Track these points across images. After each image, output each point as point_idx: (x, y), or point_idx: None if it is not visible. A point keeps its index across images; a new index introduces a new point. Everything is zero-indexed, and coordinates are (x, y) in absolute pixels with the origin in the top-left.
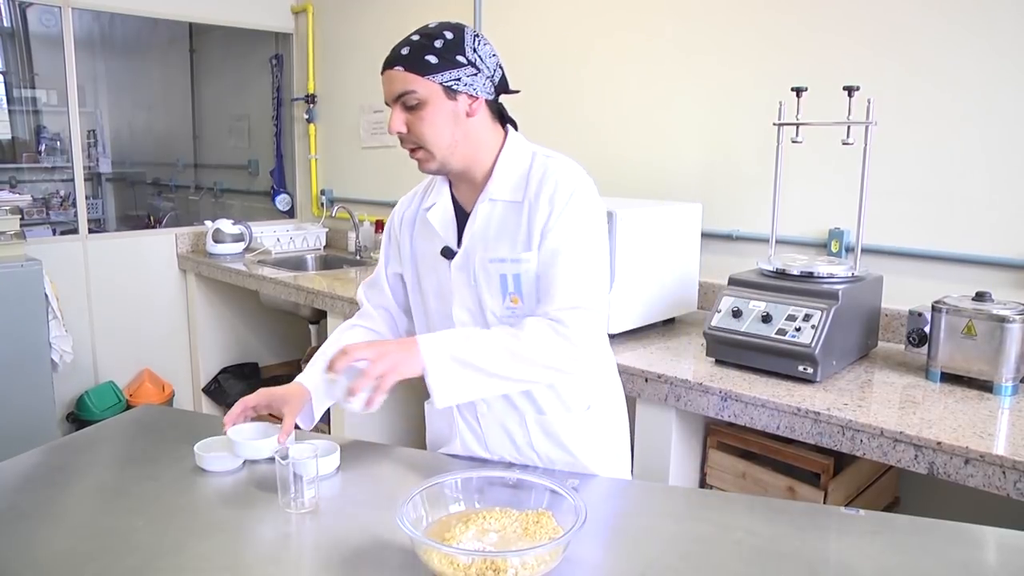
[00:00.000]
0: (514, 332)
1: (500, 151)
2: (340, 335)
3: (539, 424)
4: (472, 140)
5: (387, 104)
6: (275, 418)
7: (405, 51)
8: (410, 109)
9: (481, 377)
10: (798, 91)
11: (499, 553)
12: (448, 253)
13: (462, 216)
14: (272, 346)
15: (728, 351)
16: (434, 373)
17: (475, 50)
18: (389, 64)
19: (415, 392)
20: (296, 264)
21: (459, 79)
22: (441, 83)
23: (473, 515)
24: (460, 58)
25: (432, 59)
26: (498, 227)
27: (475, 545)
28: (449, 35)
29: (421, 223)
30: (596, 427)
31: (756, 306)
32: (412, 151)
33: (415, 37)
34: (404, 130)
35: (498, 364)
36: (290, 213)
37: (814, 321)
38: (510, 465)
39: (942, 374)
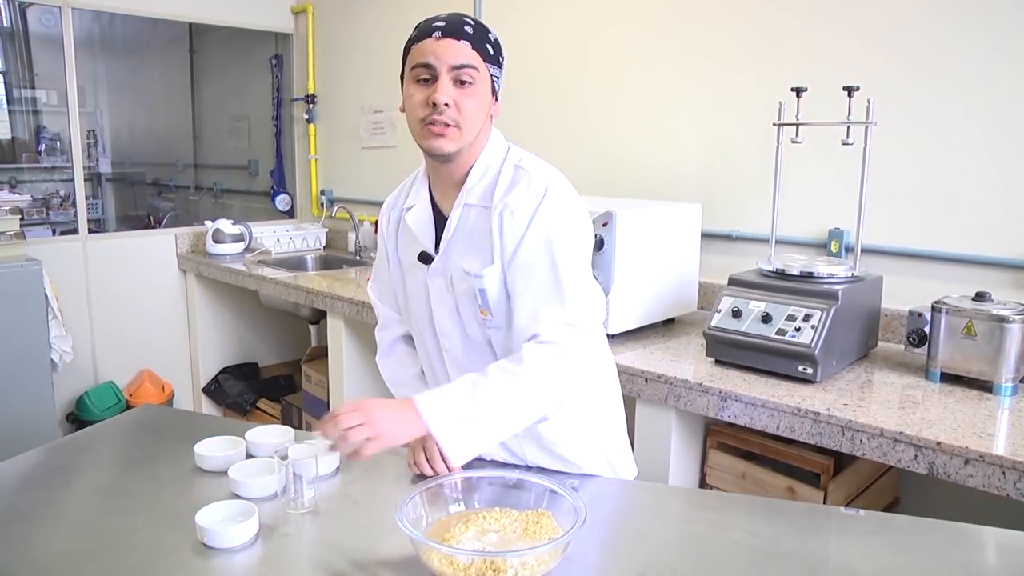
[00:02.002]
0: (513, 371)
1: (485, 146)
2: (396, 366)
3: (525, 429)
4: (481, 139)
5: (424, 72)
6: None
7: (469, 29)
8: (460, 85)
9: (490, 428)
10: (798, 91)
11: (499, 553)
12: (426, 258)
13: (440, 218)
14: (272, 346)
15: (728, 351)
16: (443, 437)
17: (503, 56)
18: (452, 33)
19: None
20: (296, 264)
21: (499, 79)
22: (492, 75)
23: (473, 515)
24: (501, 57)
25: (491, 48)
26: (470, 235)
27: (475, 545)
28: (494, 33)
29: (403, 225)
30: (582, 428)
31: (756, 306)
32: (443, 126)
33: (470, 21)
34: (451, 102)
35: (504, 411)
36: (290, 213)
37: (814, 321)
38: (510, 466)
39: (942, 374)
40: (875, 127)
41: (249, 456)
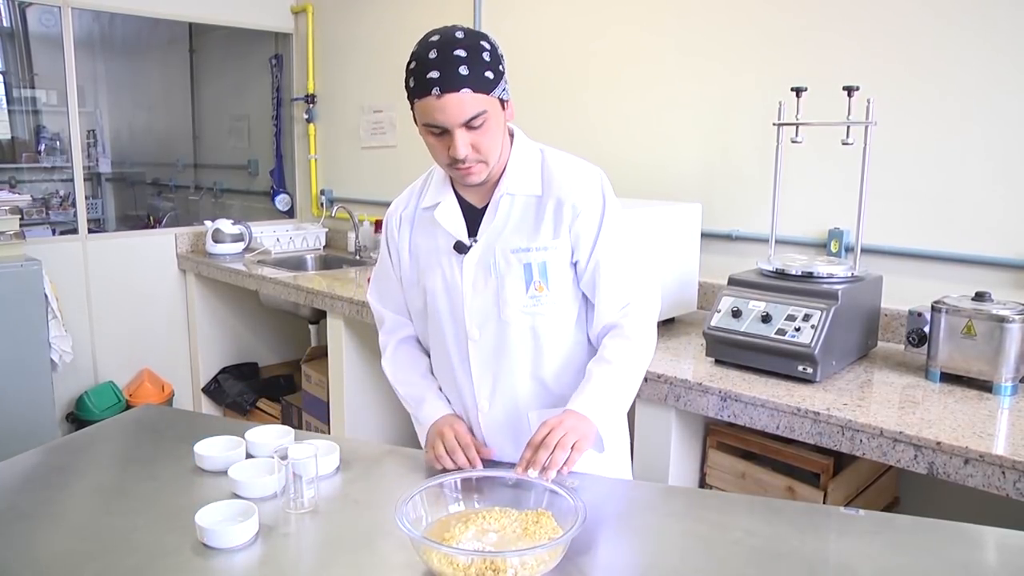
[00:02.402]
0: (626, 347)
1: (511, 148)
2: (402, 366)
3: (537, 425)
4: (505, 146)
5: (435, 127)
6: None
7: (464, 70)
8: (474, 129)
9: (628, 402)
10: (798, 91)
11: (498, 553)
12: (461, 248)
13: (468, 212)
14: (272, 346)
15: (728, 351)
16: (605, 432)
17: (503, 54)
18: (449, 86)
19: None
20: (296, 264)
21: (505, 88)
22: (498, 96)
23: (473, 515)
24: (501, 67)
25: (490, 74)
26: (518, 219)
27: (475, 545)
28: (487, 44)
29: (422, 222)
30: None
31: (756, 306)
32: (468, 169)
33: (461, 53)
34: (469, 149)
35: (633, 389)
36: (290, 213)
37: (814, 321)
38: (510, 465)
39: (942, 374)
40: (875, 127)
41: (249, 456)
